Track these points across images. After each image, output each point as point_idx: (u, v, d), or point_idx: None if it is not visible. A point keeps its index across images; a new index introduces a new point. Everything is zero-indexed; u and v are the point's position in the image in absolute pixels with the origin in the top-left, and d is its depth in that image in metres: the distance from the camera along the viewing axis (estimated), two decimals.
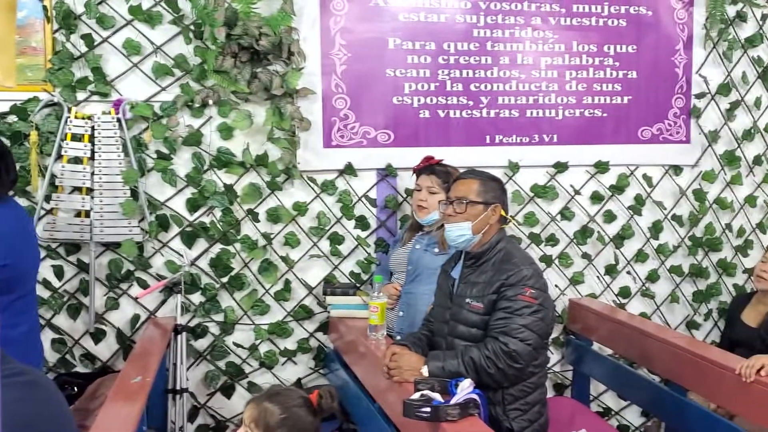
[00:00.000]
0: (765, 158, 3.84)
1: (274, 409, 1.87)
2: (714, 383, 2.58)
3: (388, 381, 2.38)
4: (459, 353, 2.34)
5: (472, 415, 2.05)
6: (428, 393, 2.10)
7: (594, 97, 3.60)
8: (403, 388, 2.26)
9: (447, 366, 2.31)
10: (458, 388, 2.12)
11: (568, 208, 3.62)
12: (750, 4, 3.70)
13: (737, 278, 3.83)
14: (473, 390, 2.11)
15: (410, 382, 2.24)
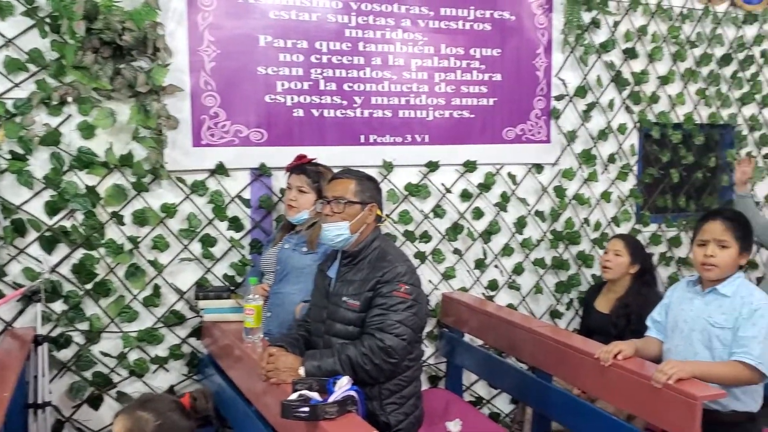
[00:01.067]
0: (618, 156, 4.11)
1: (148, 416, 1.80)
2: (576, 368, 2.73)
3: (265, 383, 2.35)
4: (335, 351, 2.35)
5: (350, 411, 2.07)
6: (306, 393, 2.09)
7: (462, 98, 3.72)
8: (281, 390, 2.24)
9: (324, 365, 2.31)
10: (336, 386, 2.13)
11: (440, 206, 3.72)
12: (603, 11, 3.95)
13: (595, 269, 4.09)
14: (351, 387, 2.13)
15: (288, 383, 2.23)
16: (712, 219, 2.50)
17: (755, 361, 2.30)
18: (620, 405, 2.62)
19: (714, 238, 2.46)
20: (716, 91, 4.32)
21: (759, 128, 4.47)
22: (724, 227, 2.45)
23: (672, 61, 4.18)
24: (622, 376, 2.49)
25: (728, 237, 2.44)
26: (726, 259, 2.44)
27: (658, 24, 4.13)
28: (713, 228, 2.47)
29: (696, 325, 2.48)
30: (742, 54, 4.37)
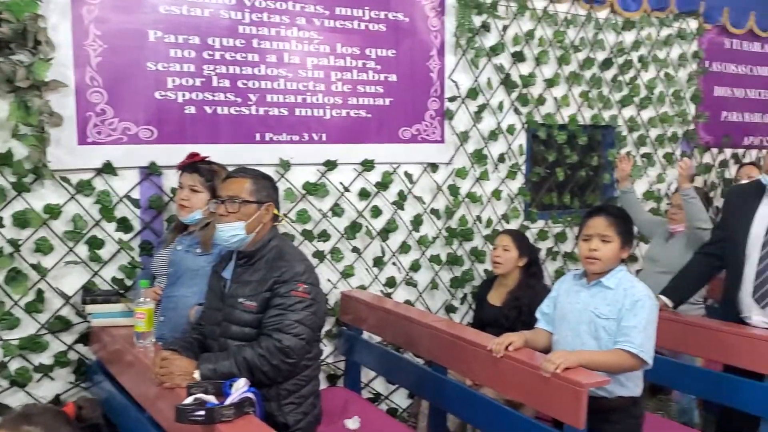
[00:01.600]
0: (508, 156, 4.26)
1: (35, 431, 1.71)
2: (469, 361, 2.82)
3: (159, 388, 2.28)
4: (232, 354, 2.32)
5: (247, 413, 2.04)
6: (202, 396, 2.06)
7: (358, 98, 3.74)
8: (175, 394, 2.19)
9: (219, 368, 2.27)
10: (233, 388, 2.10)
11: (338, 205, 3.73)
12: (493, 15, 4.08)
13: (487, 264, 4.21)
14: (248, 389, 2.11)
15: (182, 387, 2.18)
16: (596, 215, 2.63)
17: (637, 349, 2.44)
18: (511, 394, 2.72)
19: (597, 233, 2.58)
20: (598, 94, 4.55)
21: (637, 129, 4.74)
22: (607, 223, 2.58)
23: (557, 64, 4.38)
24: (512, 367, 2.58)
25: (611, 232, 2.57)
26: (608, 253, 2.57)
27: (544, 29, 4.30)
28: (597, 223, 2.60)
29: (583, 316, 2.60)
30: (622, 58, 4.62)
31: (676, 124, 4.90)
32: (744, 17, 5.11)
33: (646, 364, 2.47)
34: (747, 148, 5.33)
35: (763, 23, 5.20)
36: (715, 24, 5.01)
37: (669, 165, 4.90)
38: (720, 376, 3.12)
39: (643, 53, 4.72)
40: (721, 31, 5.07)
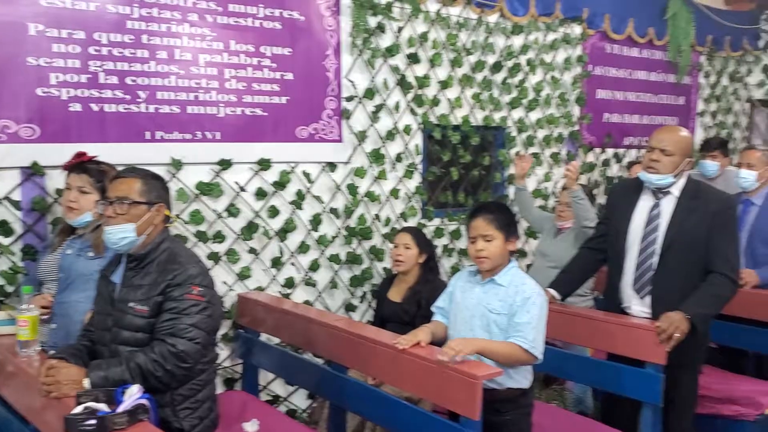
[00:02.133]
0: (405, 156, 4.33)
1: None
2: (369, 358, 2.84)
3: (46, 399, 2.17)
4: (123, 360, 2.24)
5: (141, 420, 1.98)
6: (92, 405, 1.98)
7: (254, 96, 3.70)
8: (64, 404, 2.09)
9: (110, 375, 2.20)
10: (125, 395, 2.04)
11: (234, 205, 3.67)
12: (388, 17, 4.13)
13: (386, 262, 4.27)
14: (142, 395, 2.05)
15: (71, 397, 2.08)
16: (475, 217, 2.70)
17: (528, 345, 2.54)
18: (409, 389, 2.76)
19: (480, 234, 2.66)
20: (489, 96, 4.70)
21: (526, 130, 4.93)
22: (486, 222, 2.66)
23: (450, 66, 4.48)
24: (410, 362, 2.62)
25: (491, 230, 2.65)
26: (494, 250, 2.66)
27: (437, 31, 4.40)
28: (478, 225, 2.67)
29: (476, 311, 2.68)
30: (511, 62, 4.79)
31: (561, 125, 5.13)
32: (623, 24, 5.42)
33: (536, 359, 2.58)
34: (627, 148, 5.65)
35: (641, 30, 5.53)
36: (598, 30, 5.28)
37: (555, 164, 5.12)
38: (604, 364, 3.29)
39: (531, 57, 4.90)
40: (602, 37, 5.35)
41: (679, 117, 5.98)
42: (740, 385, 3.67)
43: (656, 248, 3.05)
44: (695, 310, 2.90)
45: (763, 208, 4.09)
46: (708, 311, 2.97)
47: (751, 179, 4.10)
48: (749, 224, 4.10)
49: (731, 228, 3.06)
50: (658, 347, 2.89)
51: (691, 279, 3.01)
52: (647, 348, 2.95)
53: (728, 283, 2.97)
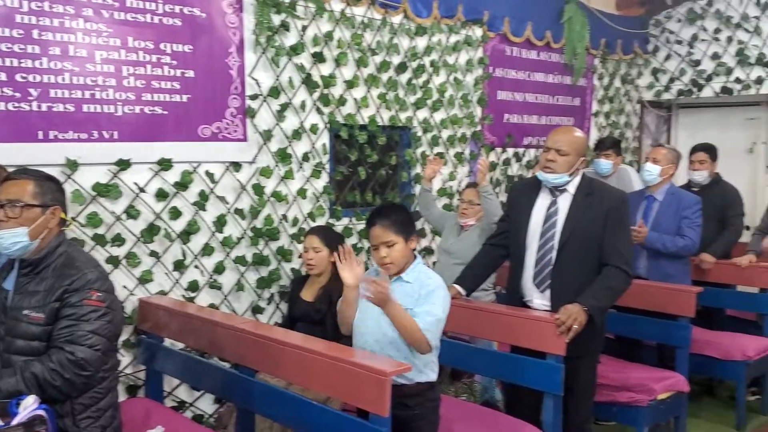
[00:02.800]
0: (312, 155, 4.31)
1: None
2: (278, 360, 2.82)
3: None
4: (18, 370, 2.14)
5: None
6: None
7: (153, 94, 3.59)
8: None
9: (3, 386, 2.10)
10: (20, 406, 1.95)
11: (134, 207, 3.55)
12: (292, 15, 4.10)
13: (294, 263, 4.24)
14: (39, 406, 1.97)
15: None
16: (372, 225, 2.73)
17: (425, 326, 2.59)
18: (318, 388, 2.76)
19: (380, 242, 2.70)
20: (395, 96, 4.75)
21: (431, 130, 5.01)
22: (383, 229, 2.69)
23: (356, 66, 4.50)
24: (320, 362, 2.62)
25: (390, 236, 2.68)
26: (397, 254, 2.70)
27: (342, 31, 4.41)
28: (376, 233, 2.71)
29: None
30: (415, 63, 4.86)
31: (465, 125, 5.25)
32: (522, 27, 5.60)
33: (428, 344, 2.62)
34: (526, 148, 5.84)
35: (539, 33, 5.73)
36: (498, 32, 5.43)
37: (459, 164, 5.24)
38: (507, 357, 3.39)
39: (435, 58, 4.99)
40: (502, 39, 5.51)
41: (575, 117, 6.23)
42: (635, 373, 3.87)
43: (554, 244, 3.18)
44: (592, 302, 3.04)
45: (663, 203, 4.36)
46: (603, 303, 3.12)
47: (654, 173, 4.36)
48: (651, 219, 4.34)
49: (624, 223, 3.22)
50: (557, 339, 3.01)
51: (587, 272, 3.15)
52: (548, 340, 3.07)
53: (622, 275, 3.13)
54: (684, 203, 4.28)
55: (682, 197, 4.34)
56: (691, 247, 4.23)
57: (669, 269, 4.27)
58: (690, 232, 4.21)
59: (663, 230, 4.27)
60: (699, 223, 4.26)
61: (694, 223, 4.23)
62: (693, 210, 4.25)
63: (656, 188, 4.40)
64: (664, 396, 3.78)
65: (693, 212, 4.25)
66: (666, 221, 4.29)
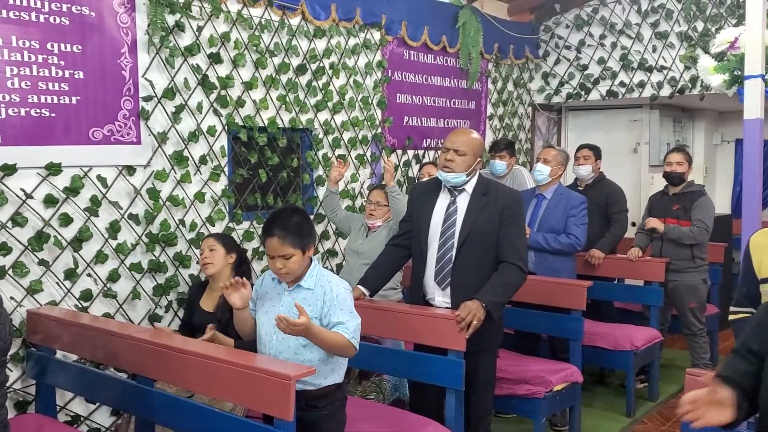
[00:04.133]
0: (209, 158, 4.22)
1: None
2: (178, 369, 2.75)
3: None
4: None
5: None
6: None
7: (40, 96, 3.42)
8: None
9: None
10: None
11: (20, 214, 3.37)
12: (187, 15, 4.01)
13: (193, 269, 4.14)
14: None
15: None
16: (268, 236, 2.64)
17: (350, 335, 2.61)
18: (222, 396, 2.71)
19: (277, 254, 2.64)
20: (295, 98, 4.73)
21: (332, 132, 5.02)
22: (280, 242, 2.62)
23: (254, 67, 4.45)
24: (221, 369, 2.58)
25: (287, 249, 2.63)
26: (294, 266, 2.65)
27: (240, 32, 4.35)
28: (273, 246, 2.64)
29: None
30: (315, 65, 4.85)
31: (366, 127, 5.29)
32: (419, 31, 5.70)
33: (355, 350, 2.65)
34: (426, 150, 5.95)
35: (435, 37, 5.85)
36: (396, 36, 5.51)
37: (361, 165, 5.27)
38: (411, 355, 3.45)
39: (334, 60, 5.00)
40: (400, 43, 5.59)
41: (471, 120, 6.40)
42: (532, 366, 4.02)
43: (454, 242, 3.26)
44: (490, 298, 3.14)
45: (551, 201, 4.57)
46: (501, 298, 3.23)
47: (545, 173, 4.59)
48: (540, 216, 4.55)
49: (518, 221, 3.34)
50: (458, 335, 3.09)
51: (485, 269, 3.26)
52: (449, 336, 3.14)
53: (518, 271, 3.25)
54: (571, 202, 4.52)
55: (570, 196, 4.58)
56: (576, 244, 4.46)
57: (556, 264, 4.50)
58: (576, 230, 4.45)
59: (551, 227, 4.49)
60: (584, 221, 4.51)
61: (580, 221, 4.48)
62: (579, 209, 4.50)
63: (546, 187, 4.62)
64: (560, 387, 3.94)
65: (579, 211, 4.49)
66: (554, 219, 4.51)
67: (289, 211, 2.73)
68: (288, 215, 2.70)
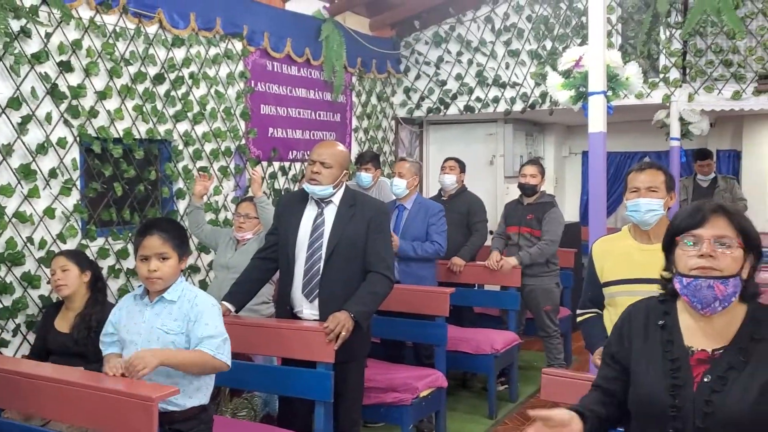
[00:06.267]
0: (59, 171, 3.98)
1: None
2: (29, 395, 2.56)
3: None
4: None
5: None
6: None
7: None
8: None
9: None
10: None
11: None
12: (34, 21, 3.77)
13: (43, 289, 3.88)
14: None
15: None
16: (149, 234, 2.59)
17: (215, 351, 2.55)
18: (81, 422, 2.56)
19: (155, 252, 2.57)
20: (152, 108, 4.56)
21: (192, 143, 4.88)
22: (162, 241, 2.58)
23: (109, 76, 4.25)
24: (77, 393, 2.43)
25: (167, 249, 2.58)
26: (168, 270, 2.59)
27: (92, 39, 4.14)
28: (152, 243, 2.58)
29: (151, 335, 2.58)
30: (174, 74, 4.71)
31: (228, 139, 5.19)
32: (282, 42, 5.68)
33: (227, 365, 2.59)
34: (292, 161, 5.92)
35: (299, 49, 5.85)
36: (258, 47, 5.45)
37: (225, 177, 5.16)
38: (279, 369, 3.41)
39: (194, 70, 4.88)
40: (263, 54, 5.54)
41: (337, 133, 6.45)
42: (399, 374, 4.09)
43: (322, 254, 3.27)
44: (358, 308, 3.17)
45: (411, 212, 4.71)
46: (369, 308, 3.27)
47: (402, 186, 4.73)
48: (402, 226, 4.68)
49: (384, 231, 3.41)
50: (327, 347, 3.10)
51: (354, 280, 3.29)
52: (317, 348, 3.14)
53: (385, 280, 3.31)
54: (430, 211, 4.70)
55: (428, 206, 4.76)
56: (440, 251, 4.64)
57: (420, 272, 4.64)
58: (438, 237, 4.63)
59: (414, 236, 4.64)
60: (444, 228, 4.70)
61: (440, 228, 4.67)
62: (438, 217, 4.69)
63: (406, 199, 4.78)
64: (426, 393, 4.03)
65: (438, 219, 4.68)
66: (415, 228, 4.68)
67: (167, 219, 2.77)
68: (168, 220, 2.71)
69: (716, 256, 1.69)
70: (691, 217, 1.75)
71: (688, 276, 1.71)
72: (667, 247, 1.82)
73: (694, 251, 1.71)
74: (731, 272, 1.69)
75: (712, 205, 1.76)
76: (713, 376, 1.69)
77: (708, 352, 1.73)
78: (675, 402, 1.70)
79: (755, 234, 1.75)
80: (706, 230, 1.72)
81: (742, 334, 1.72)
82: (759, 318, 1.73)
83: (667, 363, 1.74)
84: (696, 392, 1.69)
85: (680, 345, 1.76)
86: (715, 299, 1.69)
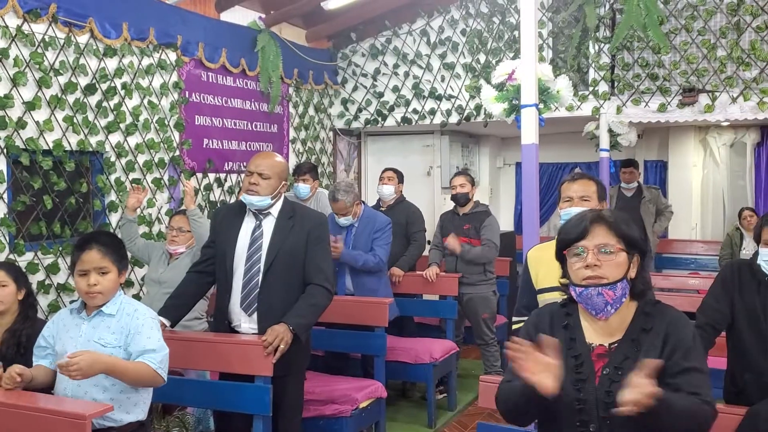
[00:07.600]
0: None
1: None
2: None
3: None
4: None
5: None
6: None
7: None
8: None
9: None
10: None
11: None
12: None
13: None
14: None
15: None
16: (88, 248, 2.57)
17: (157, 365, 2.52)
18: None
19: (93, 267, 2.54)
20: (83, 119, 4.44)
21: (125, 155, 4.78)
22: (102, 255, 2.56)
23: (37, 86, 4.13)
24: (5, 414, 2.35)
25: (107, 263, 2.56)
26: (108, 285, 2.57)
27: (20, 48, 4.02)
28: (92, 258, 2.55)
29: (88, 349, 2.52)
30: (105, 85, 4.60)
31: (162, 150, 5.10)
32: (217, 53, 5.62)
33: (163, 381, 2.56)
34: (228, 173, 5.86)
35: (234, 60, 5.80)
36: (192, 57, 5.38)
37: (158, 189, 5.07)
38: (216, 384, 3.36)
39: (127, 80, 4.78)
40: (198, 65, 5.47)
41: (274, 144, 6.41)
42: (339, 385, 4.08)
43: (260, 267, 3.24)
44: (297, 321, 3.15)
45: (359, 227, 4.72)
46: (308, 320, 3.26)
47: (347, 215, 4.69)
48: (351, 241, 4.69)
49: (324, 243, 3.40)
50: (265, 360, 3.07)
51: (293, 293, 3.27)
52: (256, 362, 3.11)
53: (324, 292, 3.30)
54: (377, 225, 4.70)
55: (376, 218, 4.76)
56: (379, 263, 4.65)
57: (372, 285, 4.66)
58: (379, 250, 4.64)
59: (359, 248, 4.62)
60: (388, 241, 4.71)
61: (384, 241, 4.68)
62: (384, 230, 4.70)
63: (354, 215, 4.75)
64: (365, 404, 4.04)
65: (383, 232, 4.69)
66: (361, 242, 4.67)
67: (105, 232, 2.81)
68: (106, 234, 2.71)
69: (601, 264, 1.82)
70: (575, 228, 1.88)
71: (580, 285, 1.85)
72: (559, 259, 1.96)
73: (581, 263, 1.85)
74: (617, 277, 1.82)
75: (592, 216, 1.90)
76: (611, 368, 1.83)
77: (605, 347, 1.87)
78: (580, 395, 1.82)
79: (635, 236, 1.88)
80: (589, 241, 1.85)
81: (633, 327, 1.87)
82: (648, 311, 1.88)
83: (570, 359, 1.87)
84: (598, 385, 1.82)
85: (582, 342, 1.90)
86: (606, 304, 1.83)
